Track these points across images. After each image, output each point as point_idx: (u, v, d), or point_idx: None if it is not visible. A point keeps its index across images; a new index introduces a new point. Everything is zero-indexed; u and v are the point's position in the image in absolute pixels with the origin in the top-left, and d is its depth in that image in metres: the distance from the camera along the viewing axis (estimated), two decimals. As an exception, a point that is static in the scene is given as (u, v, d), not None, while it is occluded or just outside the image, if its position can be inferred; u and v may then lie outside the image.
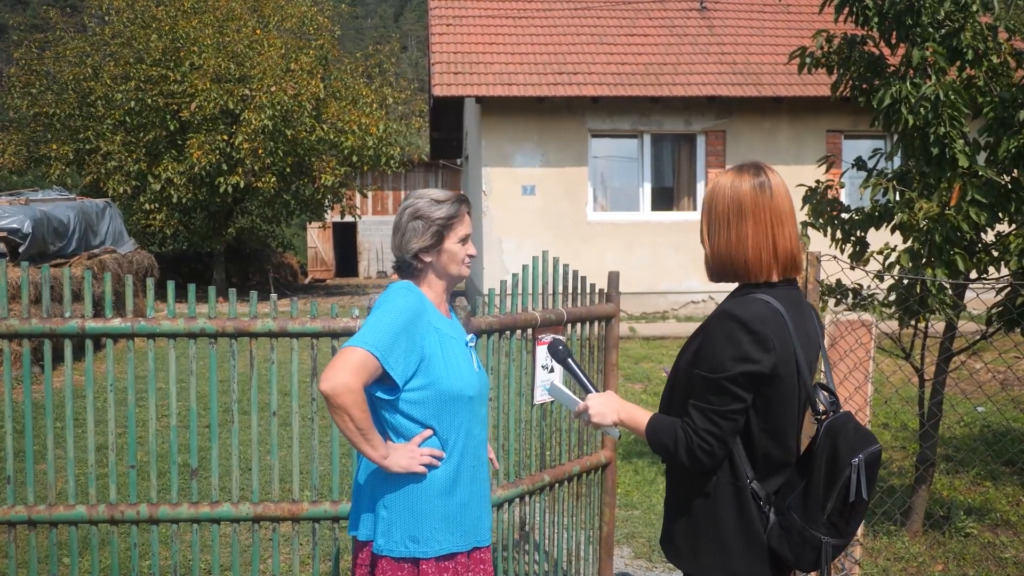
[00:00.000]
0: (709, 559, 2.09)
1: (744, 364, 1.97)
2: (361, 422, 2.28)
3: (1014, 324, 4.41)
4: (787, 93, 13.48)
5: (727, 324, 2.01)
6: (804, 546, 2.02)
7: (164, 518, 3.18)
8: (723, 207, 2.08)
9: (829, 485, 2.00)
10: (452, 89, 13.30)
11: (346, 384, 2.23)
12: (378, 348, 2.28)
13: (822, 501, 2.00)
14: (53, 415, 3.19)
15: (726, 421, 2.01)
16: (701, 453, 2.02)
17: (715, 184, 2.12)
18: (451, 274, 2.51)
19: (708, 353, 2.03)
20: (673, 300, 13.85)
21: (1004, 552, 4.63)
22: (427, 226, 2.44)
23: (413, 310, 2.39)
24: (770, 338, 1.99)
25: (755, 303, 2.03)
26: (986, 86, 4.56)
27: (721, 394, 2.00)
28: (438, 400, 2.40)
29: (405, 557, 2.39)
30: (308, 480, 5.55)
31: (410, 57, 60.26)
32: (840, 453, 2.00)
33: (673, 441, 2.06)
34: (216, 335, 3.15)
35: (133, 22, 18.94)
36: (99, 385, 7.43)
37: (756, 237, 2.05)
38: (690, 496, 2.13)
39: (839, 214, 5.00)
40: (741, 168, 2.11)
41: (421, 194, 2.50)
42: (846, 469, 1.98)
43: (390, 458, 2.34)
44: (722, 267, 2.10)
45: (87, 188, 18.83)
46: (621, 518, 5.19)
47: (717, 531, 2.08)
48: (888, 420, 7.27)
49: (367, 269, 31.23)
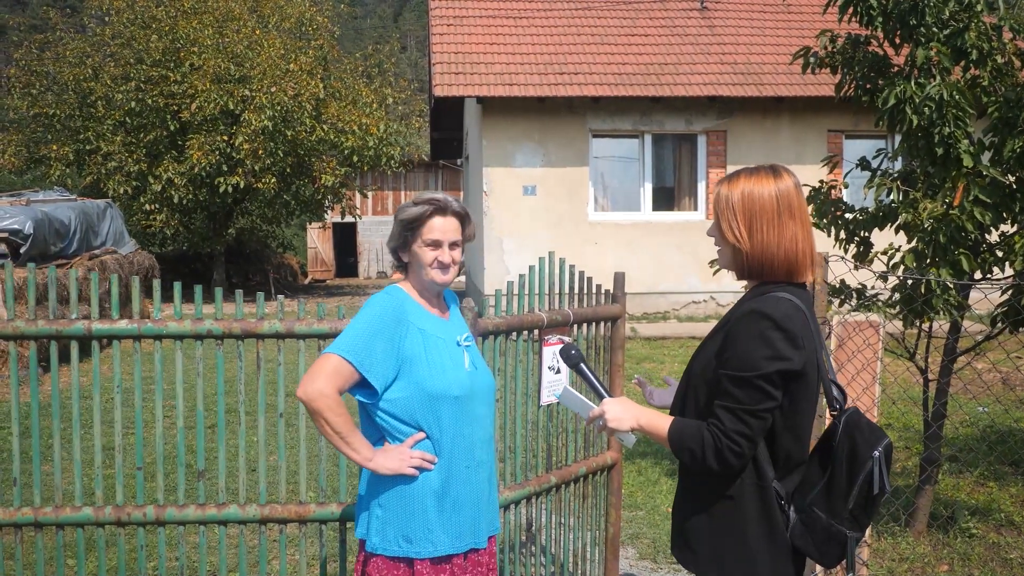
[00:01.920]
0: (735, 564, 2.07)
1: (778, 362, 1.98)
2: (339, 426, 2.34)
3: (1020, 324, 4.41)
4: (788, 93, 13.48)
5: (759, 323, 2.00)
6: (830, 541, 2.04)
7: (171, 520, 3.18)
8: (771, 205, 2.07)
9: (851, 480, 2.02)
10: (453, 89, 13.29)
11: (319, 390, 2.31)
12: (352, 353, 2.34)
13: (845, 496, 2.03)
14: (59, 416, 3.19)
15: (756, 420, 2.00)
16: (730, 455, 2.00)
17: (749, 185, 2.10)
18: (422, 278, 2.51)
19: (738, 352, 2.02)
20: (674, 300, 13.86)
21: (1009, 553, 4.63)
22: (396, 226, 2.54)
23: (391, 314, 2.42)
24: (799, 336, 2.01)
25: (782, 302, 2.03)
26: (991, 86, 4.55)
27: (753, 393, 1.99)
28: (422, 400, 2.41)
29: (399, 557, 2.41)
30: (314, 481, 5.55)
31: (409, 57, 60.25)
32: (859, 448, 2.03)
33: (700, 445, 2.03)
34: (223, 336, 3.15)
35: (133, 23, 18.94)
36: (105, 386, 7.43)
37: (802, 237, 2.09)
38: (711, 500, 2.10)
39: (843, 214, 4.99)
40: (769, 169, 2.13)
41: (418, 195, 2.53)
42: (867, 463, 2.02)
43: (375, 460, 2.39)
44: (761, 266, 2.09)
45: (87, 189, 18.83)
46: (625, 519, 5.18)
47: (743, 535, 2.06)
48: (891, 420, 7.27)
49: (367, 269, 31.22)
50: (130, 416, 6.88)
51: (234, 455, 6.07)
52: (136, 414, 3.16)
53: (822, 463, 2.09)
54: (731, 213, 2.10)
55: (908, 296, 4.42)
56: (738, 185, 2.11)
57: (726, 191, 2.13)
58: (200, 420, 3.20)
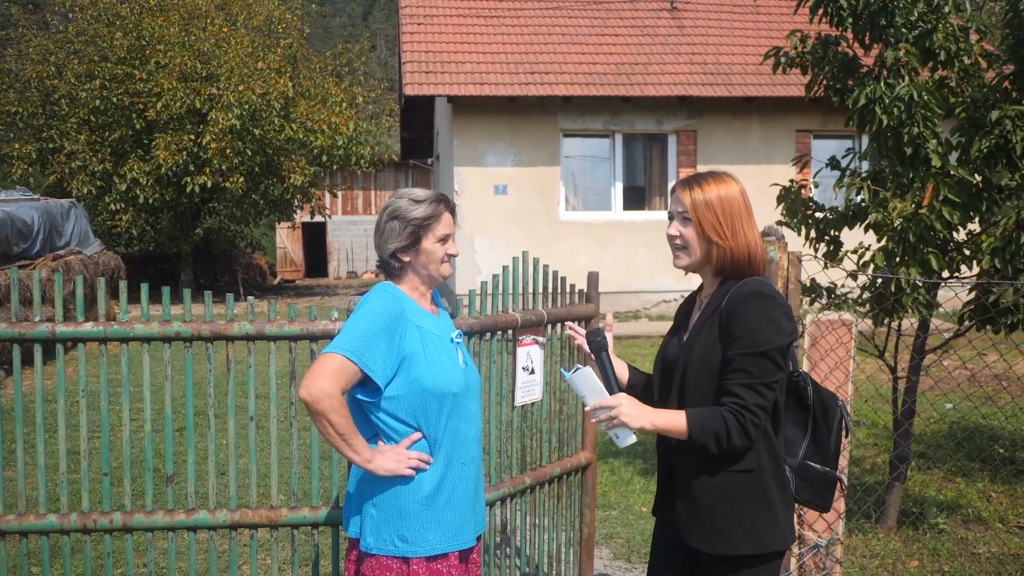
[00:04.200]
0: (767, 532, 2.21)
1: (783, 336, 2.18)
2: (341, 427, 2.30)
3: (988, 322, 4.46)
4: (757, 93, 13.58)
5: (760, 301, 2.19)
6: (828, 488, 2.34)
7: (138, 526, 3.11)
8: (739, 207, 2.27)
9: (829, 429, 2.34)
10: (424, 88, 13.24)
11: (324, 390, 2.26)
12: (355, 352, 2.30)
13: (827, 443, 2.34)
14: (22, 421, 3.11)
15: (771, 391, 2.18)
16: (752, 428, 2.15)
17: (719, 189, 2.28)
18: (430, 274, 2.52)
19: (747, 331, 2.17)
20: (645, 299, 13.90)
21: (978, 547, 4.69)
22: (404, 226, 2.45)
23: (391, 311, 2.39)
24: (790, 309, 2.25)
25: (767, 283, 2.25)
26: (958, 86, 4.61)
27: (767, 365, 2.16)
28: (422, 398, 2.40)
29: (394, 556, 2.40)
30: (285, 485, 5.48)
31: (379, 56, 59.97)
32: (826, 401, 2.37)
33: (723, 426, 2.15)
34: (191, 339, 3.09)
35: (97, 20, 18.65)
36: (70, 389, 7.30)
37: (758, 236, 2.31)
38: (732, 479, 2.21)
39: (813, 214, 5.03)
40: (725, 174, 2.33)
41: (402, 193, 2.50)
42: (836, 411, 2.35)
43: (374, 461, 2.36)
44: (738, 264, 2.27)
45: (51, 188, 18.52)
46: (599, 519, 5.18)
47: (768, 503, 2.21)
48: (860, 418, 7.34)
49: (337, 269, 31.03)
50: (96, 420, 6.76)
51: (203, 459, 5.98)
52: (102, 418, 3.10)
53: (795, 422, 2.35)
54: (712, 215, 2.25)
55: (879, 295, 4.46)
56: (710, 189, 2.27)
57: (700, 195, 2.27)
58: (168, 424, 3.14)
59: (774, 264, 3.02)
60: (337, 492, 3.23)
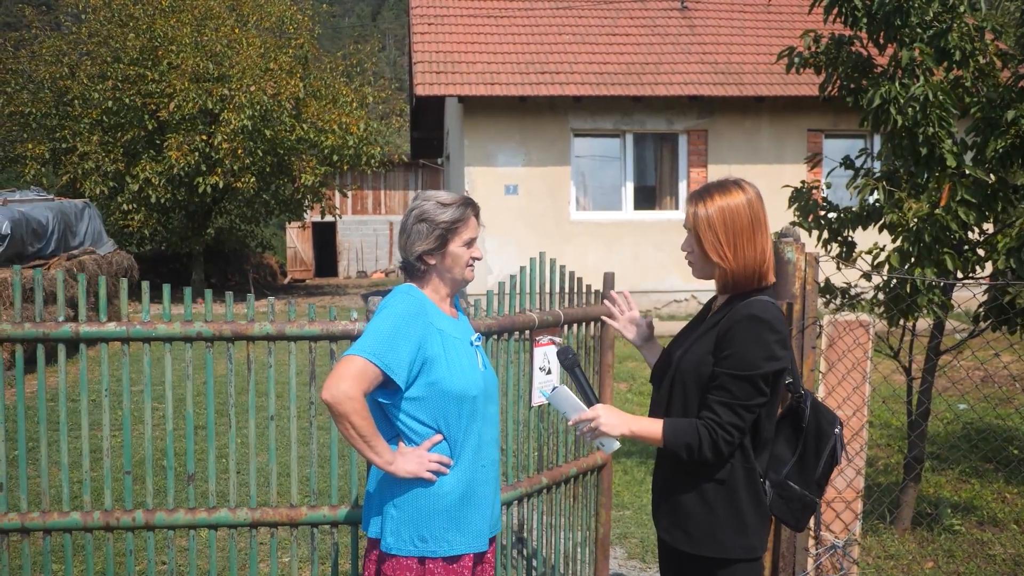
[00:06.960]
0: (732, 539, 2.27)
1: (772, 363, 2.20)
2: (363, 429, 2.32)
3: (1005, 323, 4.46)
4: (768, 92, 13.56)
5: (755, 326, 2.20)
6: (804, 510, 2.35)
7: (160, 524, 3.14)
8: (746, 222, 2.25)
9: (818, 453, 2.34)
10: (434, 88, 13.26)
11: (346, 392, 2.28)
12: (377, 355, 2.32)
13: (814, 468, 2.34)
14: (45, 420, 3.15)
15: (749, 413, 2.21)
16: (724, 445, 2.20)
17: (723, 201, 2.26)
18: (455, 277, 2.54)
19: (737, 352, 2.20)
20: (656, 299, 13.90)
21: (993, 549, 4.68)
22: (431, 229, 2.46)
23: (413, 313, 2.41)
24: (787, 337, 2.25)
25: (770, 305, 2.25)
26: (973, 86, 4.60)
27: (749, 389, 2.19)
28: (442, 401, 2.42)
29: (413, 556, 2.41)
30: (306, 484, 5.52)
31: (388, 56, 60.04)
32: (823, 426, 2.36)
33: (696, 439, 2.22)
34: (213, 339, 3.12)
35: (110, 20, 18.72)
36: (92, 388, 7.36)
37: (768, 245, 2.29)
38: (703, 485, 2.28)
39: (826, 214, 5.03)
40: (735, 183, 2.29)
41: (428, 196, 2.50)
42: (831, 438, 2.35)
43: (396, 463, 2.38)
44: (747, 279, 2.28)
45: (63, 188, 18.60)
46: (613, 519, 5.19)
47: (736, 512, 2.27)
48: (872, 419, 7.33)
49: (347, 269, 31.07)
50: (118, 419, 6.81)
51: (224, 458, 6.02)
52: (124, 417, 3.13)
53: (787, 441, 2.37)
54: (712, 234, 2.26)
55: (895, 295, 4.45)
56: (713, 203, 2.26)
57: (703, 211, 2.27)
58: (189, 423, 3.17)
59: (791, 265, 3.03)
60: (356, 491, 3.25)
